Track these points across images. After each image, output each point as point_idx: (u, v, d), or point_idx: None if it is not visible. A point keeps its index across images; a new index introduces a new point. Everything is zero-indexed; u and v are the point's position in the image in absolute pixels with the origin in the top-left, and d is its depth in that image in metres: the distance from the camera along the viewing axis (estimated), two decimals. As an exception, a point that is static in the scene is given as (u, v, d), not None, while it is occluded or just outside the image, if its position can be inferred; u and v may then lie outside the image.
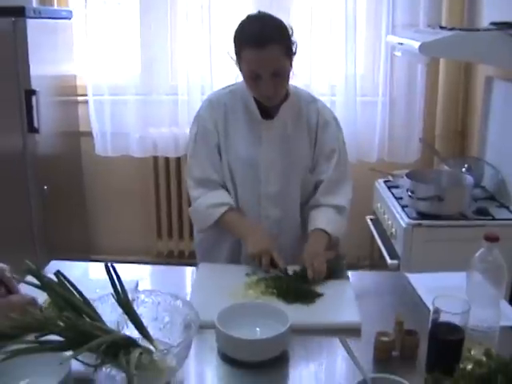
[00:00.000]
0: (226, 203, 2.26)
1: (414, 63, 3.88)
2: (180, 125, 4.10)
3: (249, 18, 2.14)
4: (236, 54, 2.14)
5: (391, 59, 3.92)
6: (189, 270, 2.27)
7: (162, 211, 4.37)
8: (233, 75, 3.12)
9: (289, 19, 2.19)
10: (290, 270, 2.07)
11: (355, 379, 1.36)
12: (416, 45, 2.80)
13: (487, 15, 3.47)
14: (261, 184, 2.29)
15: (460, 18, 3.77)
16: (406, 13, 3.84)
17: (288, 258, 2.13)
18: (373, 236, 3.44)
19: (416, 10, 3.80)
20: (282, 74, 2.10)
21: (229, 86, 2.36)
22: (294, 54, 2.14)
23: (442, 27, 3.24)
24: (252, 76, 2.09)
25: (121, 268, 1.45)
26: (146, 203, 4.40)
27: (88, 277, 2.17)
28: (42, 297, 1.62)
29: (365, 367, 1.41)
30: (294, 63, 2.15)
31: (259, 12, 2.17)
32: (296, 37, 2.15)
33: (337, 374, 1.62)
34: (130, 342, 1.34)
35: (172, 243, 4.45)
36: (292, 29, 2.14)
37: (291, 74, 2.15)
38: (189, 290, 2.04)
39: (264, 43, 2.02)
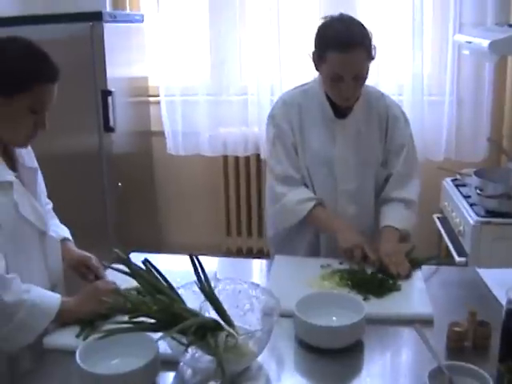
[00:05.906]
0: (314, 198, 2.30)
1: (481, 62, 3.85)
2: (250, 124, 4.18)
3: (333, 19, 2.16)
4: (318, 55, 2.16)
5: (458, 58, 3.90)
6: (258, 263, 2.36)
7: (232, 209, 4.45)
8: (301, 75, 3.18)
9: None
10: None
11: (428, 367, 1.40)
12: (485, 43, 2.79)
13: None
14: (337, 181, 2.32)
15: (528, 15, 3.73)
16: (474, 11, 3.81)
17: None
18: (440, 234, 3.44)
19: (483, 8, 3.77)
20: (362, 76, 2.15)
21: (301, 86, 2.39)
22: (373, 58, 2.16)
23: (510, 25, 3.22)
24: (334, 78, 2.12)
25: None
26: (215, 201, 4.48)
27: (167, 268, 2.24)
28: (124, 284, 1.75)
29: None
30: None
31: (341, 14, 2.18)
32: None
33: (410, 362, 1.66)
34: (217, 325, 1.42)
35: (241, 240, 4.52)
36: (372, 33, 2.16)
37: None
38: (261, 280, 2.11)
39: (350, 47, 2.05)
